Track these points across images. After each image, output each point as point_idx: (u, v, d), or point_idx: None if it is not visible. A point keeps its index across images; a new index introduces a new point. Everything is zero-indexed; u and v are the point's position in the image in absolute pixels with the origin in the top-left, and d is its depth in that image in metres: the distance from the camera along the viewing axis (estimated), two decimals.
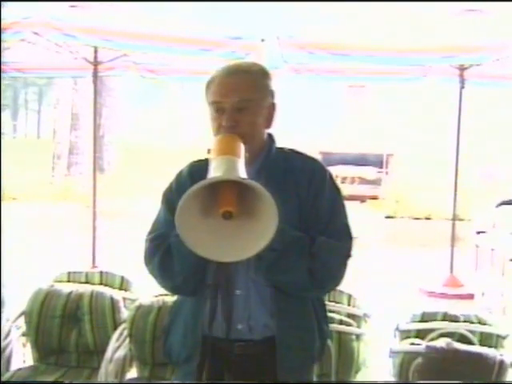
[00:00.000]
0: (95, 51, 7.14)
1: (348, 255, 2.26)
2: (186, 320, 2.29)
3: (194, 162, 2.36)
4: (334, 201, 2.28)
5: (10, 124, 45.52)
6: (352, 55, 6.43)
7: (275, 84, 2.33)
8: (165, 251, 2.20)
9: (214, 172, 1.99)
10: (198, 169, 2.26)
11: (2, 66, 7.28)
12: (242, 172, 2.00)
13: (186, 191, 2.22)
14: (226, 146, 2.13)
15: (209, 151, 2.17)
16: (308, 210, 2.21)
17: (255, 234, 1.97)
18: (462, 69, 7.47)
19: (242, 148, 2.14)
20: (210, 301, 2.23)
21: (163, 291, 2.52)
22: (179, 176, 2.33)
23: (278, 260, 2.10)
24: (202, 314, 2.24)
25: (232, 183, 1.95)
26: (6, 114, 45.33)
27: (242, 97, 2.22)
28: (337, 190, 2.32)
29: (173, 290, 2.34)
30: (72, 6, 6.21)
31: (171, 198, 2.26)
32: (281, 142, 2.37)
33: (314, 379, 2.46)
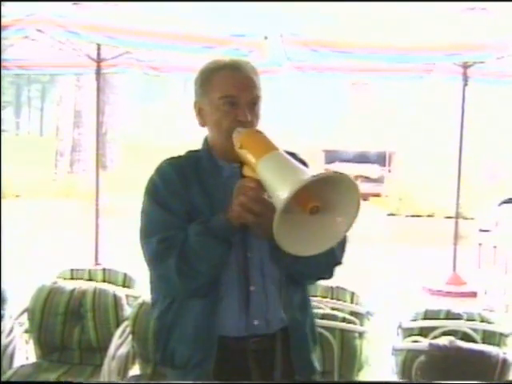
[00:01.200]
0: (98, 48, 7.14)
1: (346, 241, 2.31)
2: (196, 321, 2.21)
3: (171, 159, 2.30)
4: None
5: (13, 121, 45.52)
6: (355, 53, 6.42)
7: (278, 82, 2.34)
8: (180, 253, 2.11)
9: (287, 170, 1.95)
10: (180, 166, 2.26)
11: (5, 64, 7.31)
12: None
13: (175, 189, 2.20)
14: (269, 140, 2.10)
15: (241, 146, 2.11)
16: None
17: (337, 221, 1.98)
18: (466, 66, 7.45)
19: None
20: (223, 299, 2.18)
21: None
22: (163, 175, 2.25)
23: None
24: (216, 314, 2.19)
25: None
26: (8, 111, 45.36)
27: (256, 93, 2.23)
28: None
29: (192, 291, 2.19)
30: (75, 4, 6.21)
31: (163, 198, 2.21)
32: (284, 140, 2.37)
33: (317, 377, 2.45)
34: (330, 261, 2.25)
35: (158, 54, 7.17)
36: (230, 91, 2.20)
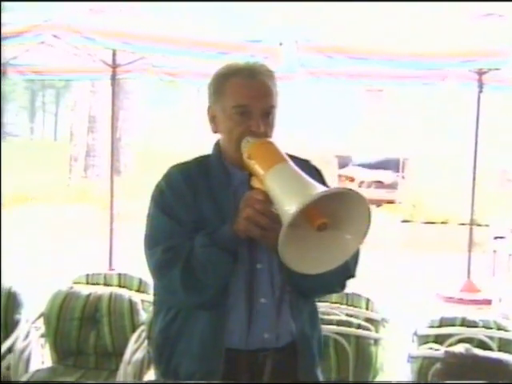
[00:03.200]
0: (113, 54, 7.16)
1: (359, 253, 2.24)
2: (202, 334, 2.14)
3: (180, 164, 2.24)
4: None
5: (28, 126, 45.77)
6: (370, 59, 6.41)
7: (292, 88, 2.30)
8: (185, 264, 2.05)
9: (296, 183, 1.88)
10: (189, 172, 2.19)
11: (20, 69, 7.38)
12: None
13: (183, 196, 2.13)
14: (278, 151, 2.02)
15: (249, 157, 2.04)
16: None
17: (346, 238, 1.90)
18: (481, 73, 7.44)
19: None
20: (231, 312, 2.12)
21: None
22: (171, 182, 2.18)
23: None
24: (224, 327, 2.12)
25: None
26: (23, 116, 45.62)
27: (271, 102, 2.14)
28: None
29: (198, 303, 2.13)
30: (91, 10, 6.24)
31: (169, 205, 2.14)
32: (297, 145, 2.36)
33: None
34: (342, 276, 2.19)
35: (173, 60, 7.18)
36: (243, 100, 2.11)
